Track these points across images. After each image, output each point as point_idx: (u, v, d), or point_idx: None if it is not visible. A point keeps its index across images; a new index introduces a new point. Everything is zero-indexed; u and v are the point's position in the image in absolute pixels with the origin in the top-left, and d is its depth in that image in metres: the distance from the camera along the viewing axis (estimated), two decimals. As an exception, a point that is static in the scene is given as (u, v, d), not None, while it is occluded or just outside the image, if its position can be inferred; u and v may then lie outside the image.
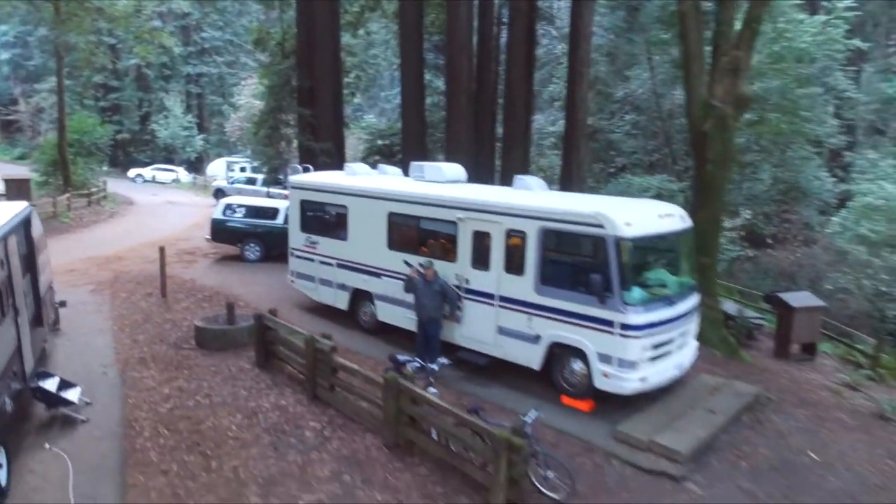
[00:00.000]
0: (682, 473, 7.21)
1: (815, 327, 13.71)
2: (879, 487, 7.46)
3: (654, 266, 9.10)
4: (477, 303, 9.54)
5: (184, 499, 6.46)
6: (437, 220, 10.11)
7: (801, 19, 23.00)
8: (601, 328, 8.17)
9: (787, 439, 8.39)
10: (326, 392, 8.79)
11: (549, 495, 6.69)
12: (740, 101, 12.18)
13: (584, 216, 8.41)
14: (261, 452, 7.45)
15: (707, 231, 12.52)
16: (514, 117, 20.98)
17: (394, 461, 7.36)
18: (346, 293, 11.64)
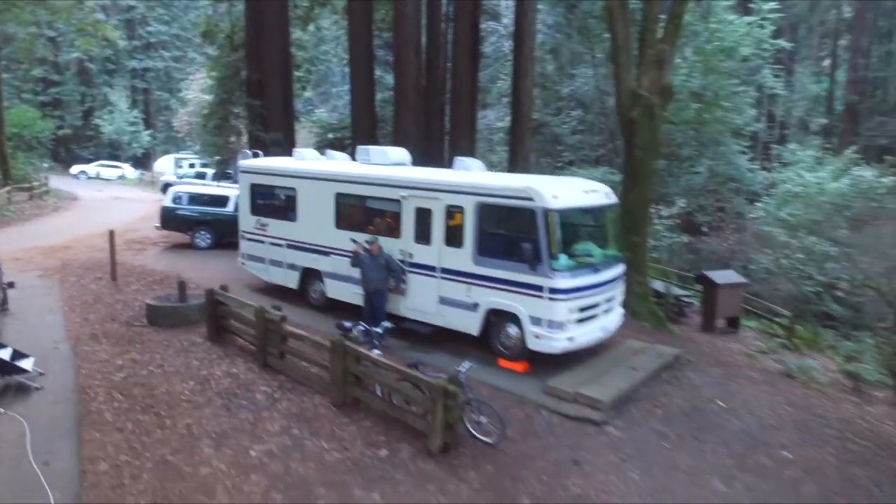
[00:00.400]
0: (603, 419, 7.99)
1: (738, 302, 14.84)
2: (775, 427, 8.41)
3: (582, 239, 9.88)
4: (420, 275, 10.15)
5: (140, 451, 6.85)
6: (382, 199, 10.69)
7: (731, 20, 24.51)
8: (532, 293, 8.89)
9: (699, 391, 9.30)
10: (276, 360, 9.25)
11: (482, 439, 7.35)
12: (665, 92, 13.15)
13: (515, 190, 9.13)
14: (213, 412, 7.87)
15: (636, 212, 13.49)
16: (461, 110, 21.70)
17: (340, 417, 7.89)
18: (296, 272, 12.08)
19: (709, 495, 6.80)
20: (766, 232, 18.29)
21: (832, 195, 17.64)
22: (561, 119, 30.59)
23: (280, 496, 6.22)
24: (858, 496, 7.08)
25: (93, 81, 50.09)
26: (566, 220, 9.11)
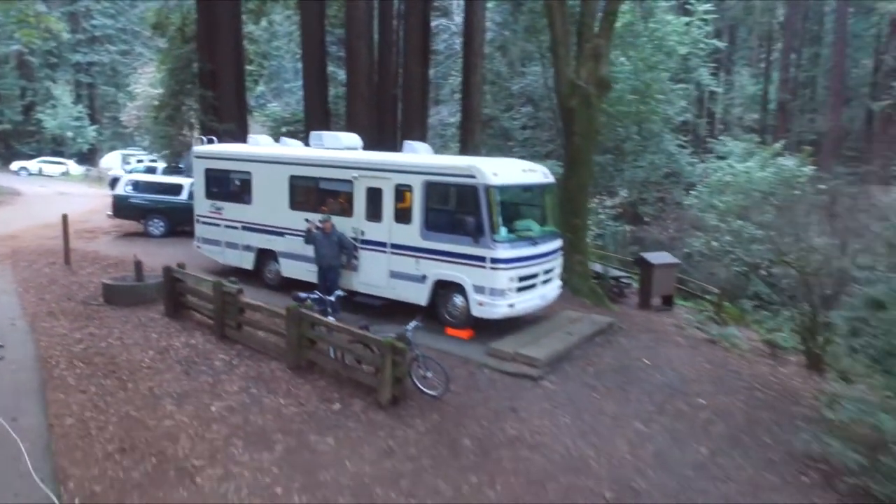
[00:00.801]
0: (539, 375, 8.76)
1: (672, 282, 15.89)
2: (693, 380, 9.34)
3: (522, 214, 10.64)
4: (371, 251, 10.74)
5: (104, 409, 7.24)
6: (335, 181, 11.22)
7: (669, 20, 25.89)
8: (476, 264, 9.59)
9: (628, 352, 10.18)
10: (234, 331, 9.69)
11: (428, 392, 8.00)
12: (602, 82, 14.05)
13: (459, 168, 9.83)
14: (174, 377, 8.29)
15: (577, 196, 14.37)
16: (412, 104, 22.33)
17: (296, 378, 8.41)
18: (251, 253, 12.49)
19: (630, 435, 7.62)
20: (700, 217, 19.53)
21: (759, 183, 18.98)
22: (511, 115, 31.57)
23: (241, 442, 6.72)
24: (761, 433, 8.03)
25: (34, 75, 48.59)
26: (506, 195, 9.85)
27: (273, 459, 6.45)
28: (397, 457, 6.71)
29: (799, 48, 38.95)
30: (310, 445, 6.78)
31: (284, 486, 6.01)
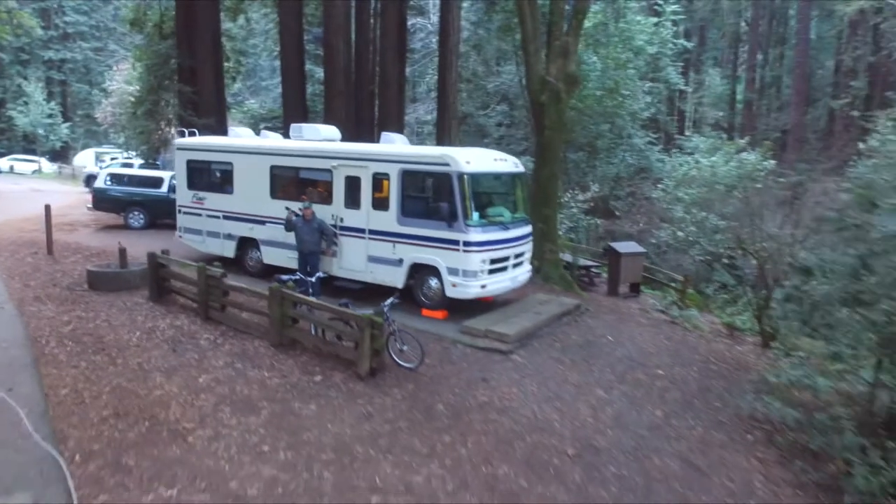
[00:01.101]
0: (509, 349, 9.34)
1: (639, 270, 16.60)
2: (652, 354, 10.01)
3: (493, 201, 11.20)
4: (350, 237, 11.22)
5: (96, 381, 7.63)
6: (315, 170, 11.69)
7: (639, 20, 26.77)
8: (449, 247, 10.13)
9: (593, 330, 10.82)
10: (218, 312, 10.11)
11: (404, 365, 8.52)
12: (570, 79, 14.69)
13: (434, 157, 10.37)
14: (161, 354, 8.68)
15: (547, 187, 15.00)
16: (389, 101, 22.79)
17: (279, 354, 8.87)
18: (232, 242, 12.87)
19: (592, 400, 8.23)
20: (666, 210, 20.32)
21: (722, 177, 19.81)
22: (487, 113, 32.24)
23: (228, 408, 7.17)
24: (712, 399, 8.70)
25: (5, 72, 48.01)
26: (478, 182, 10.42)
27: (259, 422, 6.91)
28: (375, 420, 7.22)
29: (765, 49, 40.26)
30: (294, 411, 7.26)
31: (271, 444, 6.48)
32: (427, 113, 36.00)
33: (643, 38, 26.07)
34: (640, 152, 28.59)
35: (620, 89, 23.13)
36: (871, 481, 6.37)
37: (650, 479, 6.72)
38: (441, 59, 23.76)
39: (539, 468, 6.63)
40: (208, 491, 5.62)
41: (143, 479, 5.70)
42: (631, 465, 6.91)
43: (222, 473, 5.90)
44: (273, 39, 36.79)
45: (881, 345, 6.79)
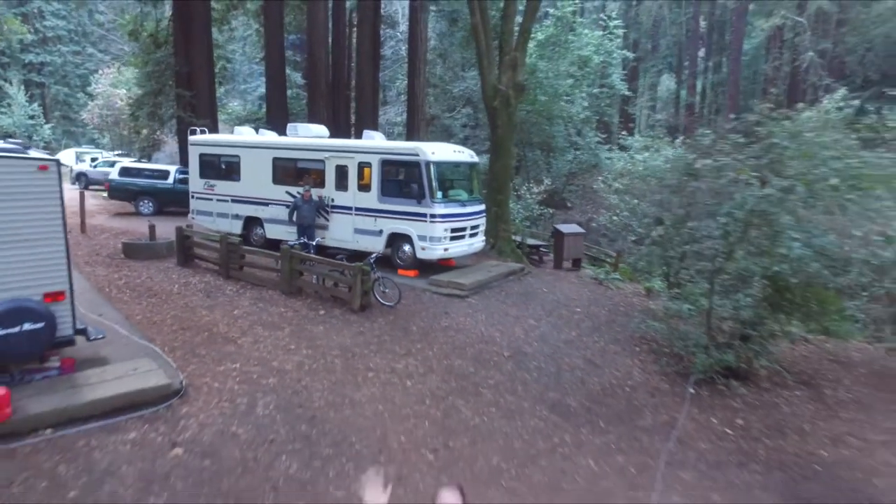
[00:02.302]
0: (465, 294, 12.25)
1: (580, 247, 19.68)
2: (575, 299, 13.06)
3: (454, 185, 14.11)
4: (340, 214, 14.01)
5: (158, 311, 10.30)
6: (310, 160, 14.45)
7: (586, 33, 30.06)
8: (419, 219, 13.00)
9: (532, 285, 13.82)
10: (237, 272, 12.80)
11: (386, 303, 11.37)
12: (518, 87, 17.68)
13: (406, 149, 13.26)
14: (199, 298, 11.36)
15: (501, 177, 17.95)
16: (364, 104, 25.61)
17: (289, 299, 11.62)
18: (239, 221, 15.53)
19: (525, 326, 11.20)
20: (605, 198, 23.54)
21: (652, 169, 23.09)
22: (453, 115, 35.20)
23: (260, 327, 9.93)
24: (614, 326, 11.76)
25: (-15, 74, 49.28)
26: (441, 169, 13.31)
27: (284, 335, 9.70)
28: (366, 336, 10.06)
29: (706, 57, 44.14)
30: (307, 329, 10.06)
31: (295, 345, 9.28)
32: (397, 115, 38.80)
33: (590, 49, 29.39)
34: (591, 150, 32.00)
35: (562, 95, 26.31)
36: (706, 363, 9.47)
37: (560, 370, 9.72)
38: (410, 66, 26.65)
39: (483, 362, 9.56)
40: (259, 366, 8.41)
41: (214, 359, 8.47)
42: (548, 362, 9.90)
43: (266, 358, 8.69)
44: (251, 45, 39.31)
45: (711, 272, 9.92)
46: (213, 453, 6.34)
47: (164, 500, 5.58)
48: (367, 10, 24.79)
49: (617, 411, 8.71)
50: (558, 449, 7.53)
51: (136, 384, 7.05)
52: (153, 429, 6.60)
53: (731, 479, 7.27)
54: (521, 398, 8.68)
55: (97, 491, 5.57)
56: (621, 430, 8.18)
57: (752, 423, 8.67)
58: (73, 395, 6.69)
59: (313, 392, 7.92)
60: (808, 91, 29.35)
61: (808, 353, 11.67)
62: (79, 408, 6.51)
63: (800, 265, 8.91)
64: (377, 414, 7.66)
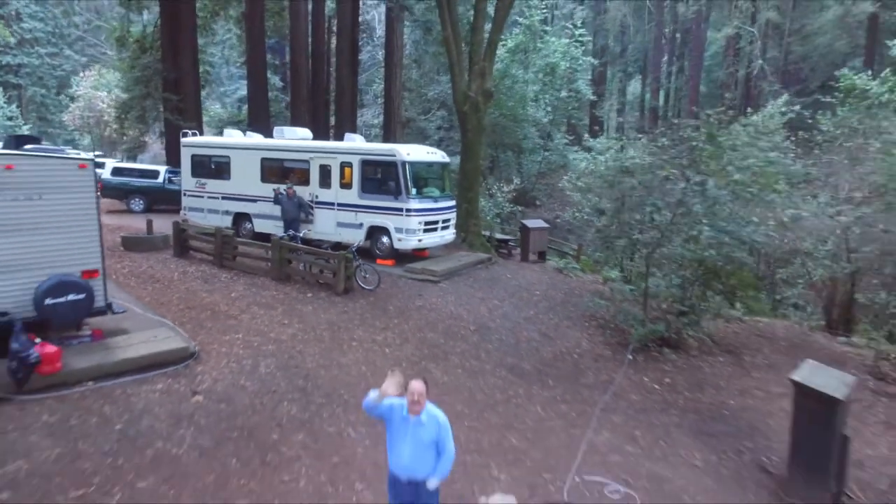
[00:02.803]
0: (437, 280, 13.75)
1: (545, 241, 21.28)
2: (535, 284, 14.65)
3: (427, 183, 15.58)
4: (323, 209, 15.40)
5: (163, 293, 11.61)
6: (296, 160, 15.81)
7: (553, 41, 31.79)
8: (396, 213, 14.46)
9: (498, 273, 15.37)
10: (230, 261, 14.12)
11: (367, 287, 12.81)
12: (486, 94, 19.23)
13: (384, 150, 14.72)
14: (198, 284, 12.67)
15: (470, 175, 19.48)
16: (343, 106, 26.98)
17: (279, 284, 12.97)
18: (229, 216, 16.82)
19: (490, 306, 12.73)
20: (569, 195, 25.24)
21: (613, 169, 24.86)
22: (428, 118, 36.70)
23: (256, 307, 11.30)
24: (569, 307, 13.35)
25: (-40, 76, 49.46)
26: (415, 168, 14.78)
27: (278, 313, 11.07)
28: (350, 314, 11.49)
29: (670, 63, 46.28)
30: (298, 309, 11.45)
31: (288, 321, 10.68)
32: (374, 117, 40.19)
33: (557, 55, 31.11)
34: (560, 152, 33.79)
35: (528, 100, 28.00)
36: (642, 333, 11.10)
37: (519, 341, 11.27)
38: (387, 72, 28.12)
39: (452, 335, 11.07)
40: (258, 336, 9.81)
41: (219, 331, 9.84)
42: (509, 335, 11.44)
43: (263, 330, 10.09)
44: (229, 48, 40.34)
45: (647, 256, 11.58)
46: (227, 399, 7.75)
47: (191, 431, 6.97)
48: (345, 18, 26.17)
49: (564, 372, 10.29)
50: (512, 400, 9.07)
51: (158, 347, 8.42)
52: (176, 382, 7.98)
53: (653, 421, 8.88)
54: (483, 362, 10.21)
55: (137, 424, 6.94)
56: (566, 386, 9.75)
57: (678, 381, 10.32)
58: (106, 355, 8.03)
59: (306, 356, 9.35)
60: (759, 96, 31.46)
61: (740, 330, 13.37)
62: (113, 365, 7.86)
63: (728, 251, 10.61)
64: (361, 374, 9.11)
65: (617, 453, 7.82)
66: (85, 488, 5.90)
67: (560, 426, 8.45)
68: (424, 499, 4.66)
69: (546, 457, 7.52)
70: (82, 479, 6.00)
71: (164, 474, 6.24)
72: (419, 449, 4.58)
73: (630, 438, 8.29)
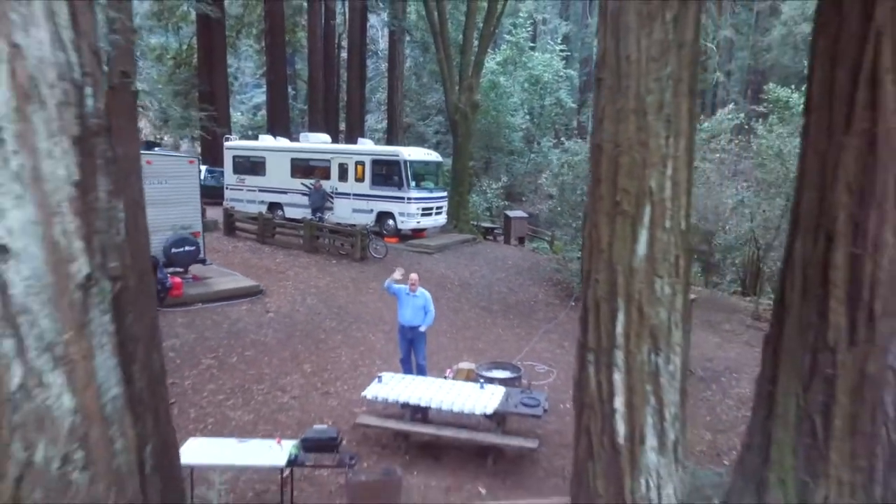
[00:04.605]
0: (431, 252, 17.72)
1: (524, 228, 25.29)
2: (509, 257, 18.65)
3: (424, 178, 19.54)
4: (342, 198, 19.37)
5: (226, 260, 15.55)
6: (319, 160, 19.79)
7: (536, 55, 35.80)
8: (399, 201, 18.42)
9: (481, 248, 19.34)
10: (270, 238, 18.06)
11: (377, 256, 16.76)
12: (474, 105, 23.22)
13: (390, 151, 18.74)
14: (249, 254, 16.61)
15: (461, 174, 23.45)
16: (353, 114, 30.99)
17: (309, 255, 16.92)
18: (264, 205, 20.77)
19: (471, 270, 16.71)
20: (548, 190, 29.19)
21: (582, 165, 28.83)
22: (426, 123, 40.72)
23: (297, 268, 15.25)
24: (534, 272, 17.31)
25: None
26: (415, 166, 18.74)
27: (313, 272, 15.03)
28: (366, 273, 15.43)
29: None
30: (327, 269, 15.40)
31: (321, 276, 14.63)
32: (377, 122, 44.22)
33: (541, 68, 35.13)
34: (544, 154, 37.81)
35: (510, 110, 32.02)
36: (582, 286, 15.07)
37: (491, 292, 15.24)
38: (390, 83, 32.13)
39: (442, 287, 15.03)
40: (302, 284, 13.78)
41: (274, 280, 13.81)
42: (483, 289, 15.41)
43: (306, 280, 14.06)
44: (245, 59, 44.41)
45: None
46: (289, 316, 11.72)
47: (271, 330, 10.94)
48: (355, 37, 30.21)
49: (522, 312, 14.26)
50: (482, 325, 13.04)
51: (238, 284, 12.40)
52: (254, 305, 11.96)
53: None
54: (463, 304, 14.18)
55: (236, 325, 10.91)
56: (522, 320, 13.72)
57: (604, 318, 14.27)
58: (207, 288, 12.01)
59: (338, 296, 13.32)
60: (718, 104, 35.47)
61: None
62: (213, 294, 11.83)
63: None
64: (377, 308, 13.07)
65: (548, 353, 11.78)
66: (215, 353, 9.88)
67: (513, 339, 12.42)
68: (417, 339, 8.64)
69: (500, 353, 11.46)
70: (212, 350, 9.98)
71: (259, 349, 10.22)
72: (415, 310, 8.57)
73: (560, 346, 12.24)
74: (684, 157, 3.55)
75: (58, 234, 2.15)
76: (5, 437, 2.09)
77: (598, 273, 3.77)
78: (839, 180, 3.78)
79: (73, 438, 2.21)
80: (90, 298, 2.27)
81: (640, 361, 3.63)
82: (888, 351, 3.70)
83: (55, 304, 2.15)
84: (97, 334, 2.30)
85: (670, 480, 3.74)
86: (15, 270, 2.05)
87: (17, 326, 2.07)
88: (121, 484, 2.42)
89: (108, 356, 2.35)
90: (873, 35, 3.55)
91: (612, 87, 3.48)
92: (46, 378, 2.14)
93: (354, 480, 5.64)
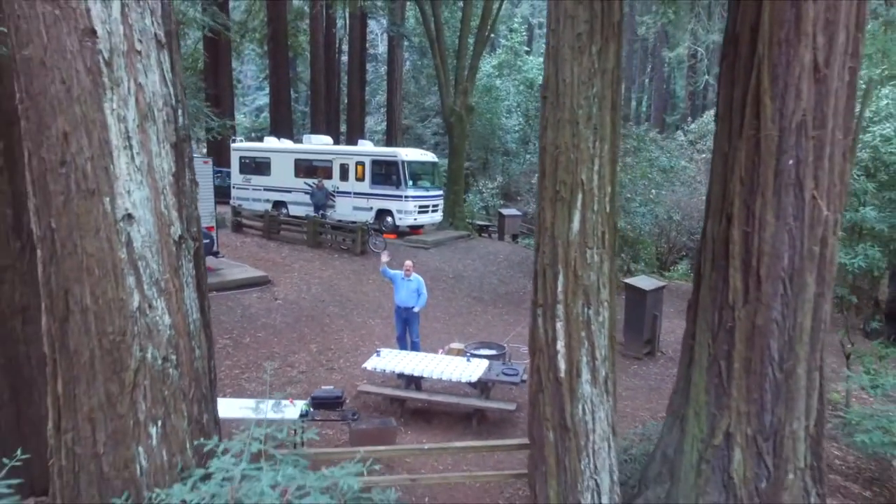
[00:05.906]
0: (427, 247, 18.79)
1: (517, 225, 26.32)
2: (501, 251, 19.71)
3: (421, 178, 20.62)
4: (343, 197, 20.45)
5: (235, 254, 16.63)
6: (322, 160, 20.87)
7: (528, 59, 36.90)
8: (397, 199, 19.50)
9: (474, 244, 20.42)
10: (276, 235, 19.15)
11: (376, 251, 17.83)
12: (468, 108, 24.30)
13: (388, 152, 19.80)
14: (256, 249, 17.70)
15: (456, 173, 24.53)
16: (353, 117, 32.06)
17: (314, 249, 18.01)
18: (269, 203, 21.85)
19: (465, 263, 17.79)
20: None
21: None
22: (424, 125, 41.82)
23: (302, 261, 16.33)
24: (523, 266, 18.39)
25: None
26: (412, 166, 19.82)
27: (316, 265, 16.11)
28: (366, 266, 16.52)
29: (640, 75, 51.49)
30: (330, 263, 16.49)
31: (325, 268, 15.71)
32: (377, 124, 45.30)
33: (534, 72, 36.22)
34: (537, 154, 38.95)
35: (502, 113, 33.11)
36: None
37: (483, 284, 16.32)
38: (389, 87, 33.20)
39: (436, 279, 16.11)
40: (307, 275, 14.86)
41: (281, 272, 14.89)
42: (475, 280, 16.50)
43: (310, 272, 15.14)
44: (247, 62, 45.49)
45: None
46: (296, 303, 12.80)
47: (279, 315, 12.02)
48: (355, 42, 31.29)
49: (511, 301, 15.34)
50: (473, 313, 14.12)
51: (248, 274, 13.49)
52: (263, 294, 13.04)
53: (562, 324, 13.92)
54: (456, 294, 15.27)
55: (248, 311, 12.00)
56: (510, 308, 14.80)
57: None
58: (220, 278, 13.09)
59: (340, 286, 14.40)
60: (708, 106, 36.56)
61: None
62: (225, 282, 12.91)
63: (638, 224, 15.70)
64: (376, 297, 14.15)
65: (533, 337, 12.84)
66: (230, 334, 10.96)
67: (502, 325, 13.49)
68: (412, 318, 9.73)
69: (489, 337, 12.53)
70: (227, 332, 11.06)
71: (269, 331, 11.30)
72: (409, 292, 9.66)
73: (544, 331, 13.30)
74: (608, 157, 4.64)
75: (162, 207, 3.25)
76: (128, 341, 3.17)
77: (544, 246, 4.85)
78: (735, 174, 4.86)
79: (170, 345, 3.30)
80: (181, 251, 3.36)
81: (576, 314, 4.71)
82: (771, 307, 4.78)
83: (160, 253, 3.24)
84: (185, 275, 3.39)
85: (602, 407, 4.82)
86: (136, 231, 3.14)
87: (137, 268, 3.16)
88: (198, 381, 3.52)
89: (191, 291, 3.45)
90: (756, 64, 4.62)
91: (553, 103, 4.58)
92: (154, 303, 3.23)
93: (357, 428, 6.71)
